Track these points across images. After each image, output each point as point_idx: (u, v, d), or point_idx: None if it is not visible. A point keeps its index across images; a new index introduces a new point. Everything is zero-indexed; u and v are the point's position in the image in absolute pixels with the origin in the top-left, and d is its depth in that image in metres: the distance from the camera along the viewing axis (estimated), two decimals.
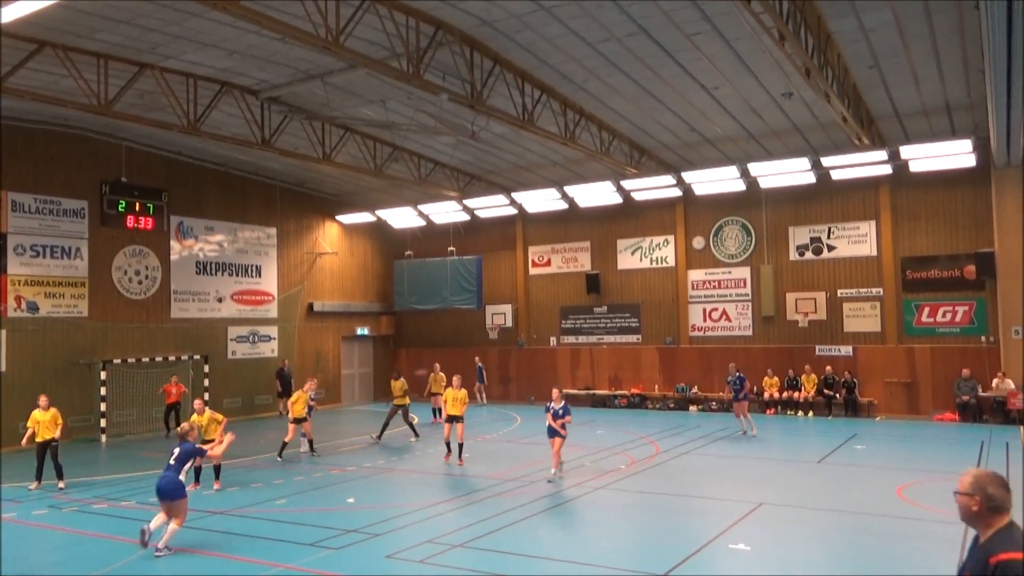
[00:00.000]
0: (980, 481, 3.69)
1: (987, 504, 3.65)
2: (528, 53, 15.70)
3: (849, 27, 14.03)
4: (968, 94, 17.40)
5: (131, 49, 15.23)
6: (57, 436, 13.96)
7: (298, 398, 17.13)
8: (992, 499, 3.63)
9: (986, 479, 3.68)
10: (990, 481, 3.67)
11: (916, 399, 22.08)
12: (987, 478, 3.69)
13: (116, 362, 21.36)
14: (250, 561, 9.29)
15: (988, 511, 3.65)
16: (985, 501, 3.65)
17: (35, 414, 13.92)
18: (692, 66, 15.98)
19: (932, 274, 22.03)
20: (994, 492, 3.63)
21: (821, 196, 23.40)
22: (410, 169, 23.77)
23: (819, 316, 23.48)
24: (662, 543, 10.10)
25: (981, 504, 3.66)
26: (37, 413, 13.91)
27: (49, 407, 14.03)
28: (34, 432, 13.81)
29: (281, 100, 18.63)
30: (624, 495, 12.80)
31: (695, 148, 22.09)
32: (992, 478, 3.68)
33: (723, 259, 25.18)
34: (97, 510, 12.31)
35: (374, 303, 30.85)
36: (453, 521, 11.12)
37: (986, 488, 3.65)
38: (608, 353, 27.00)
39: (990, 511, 3.65)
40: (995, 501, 3.63)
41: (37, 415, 13.89)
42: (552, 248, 28.40)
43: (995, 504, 3.63)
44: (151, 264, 22.92)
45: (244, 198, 25.85)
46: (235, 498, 13.00)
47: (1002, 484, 3.67)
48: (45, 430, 13.83)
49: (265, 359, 26.07)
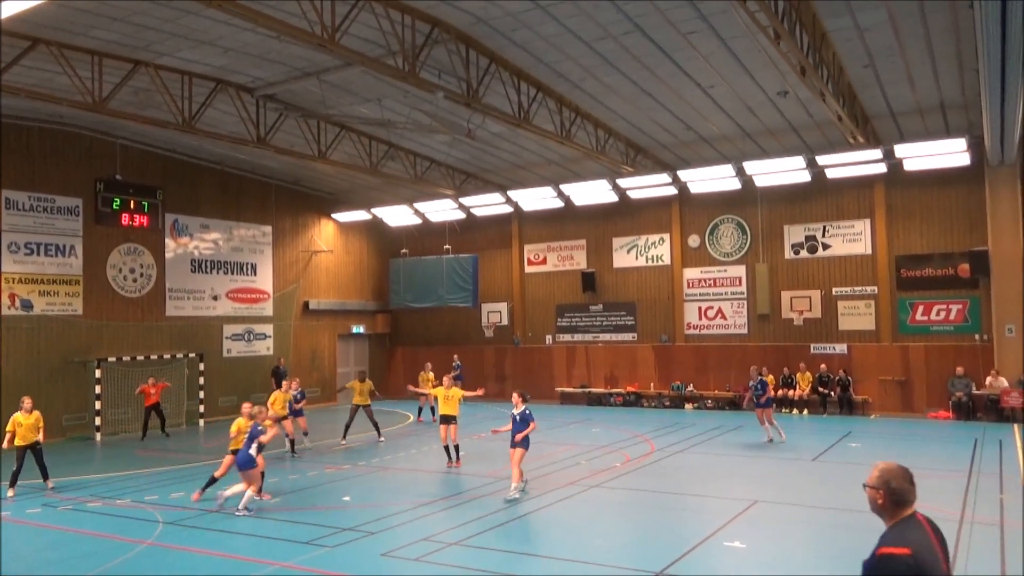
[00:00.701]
0: (884, 475, 3.80)
1: (890, 497, 3.76)
2: (524, 51, 15.70)
3: (844, 26, 14.07)
4: (962, 93, 17.45)
5: (126, 46, 15.18)
6: (40, 439, 13.55)
7: (276, 398, 17.16)
8: (894, 492, 3.75)
9: (890, 473, 3.80)
10: (894, 475, 3.78)
11: (910, 397, 22.16)
12: (892, 472, 3.80)
13: (111, 360, 21.32)
14: (245, 559, 9.29)
15: (891, 504, 3.77)
16: (888, 494, 3.77)
17: (17, 417, 13.42)
18: (688, 65, 16.00)
19: (926, 272, 22.10)
20: (897, 486, 3.75)
21: (816, 194, 23.45)
22: (406, 167, 23.75)
23: (814, 314, 23.54)
24: (657, 541, 10.13)
25: (885, 497, 3.78)
26: (19, 416, 13.41)
27: (32, 410, 13.56)
28: (13, 435, 13.35)
29: (277, 98, 18.59)
30: (619, 493, 12.82)
31: (691, 146, 22.12)
32: (896, 472, 3.79)
33: (718, 257, 25.21)
34: (92, 508, 12.29)
35: (370, 301, 30.83)
36: (448, 519, 11.13)
37: (889, 482, 3.77)
38: (604, 351, 27.03)
39: (893, 504, 3.76)
40: (897, 495, 3.75)
41: (19, 418, 13.39)
42: (548, 246, 28.42)
43: (897, 498, 3.75)
44: (146, 262, 22.87)
45: (239, 196, 25.80)
46: (230, 496, 12.96)
47: (906, 478, 3.78)
48: (28, 433, 13.38)
49: (260, 357, 26.04)
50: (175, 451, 18.47)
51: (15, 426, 13.39)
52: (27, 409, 13.52)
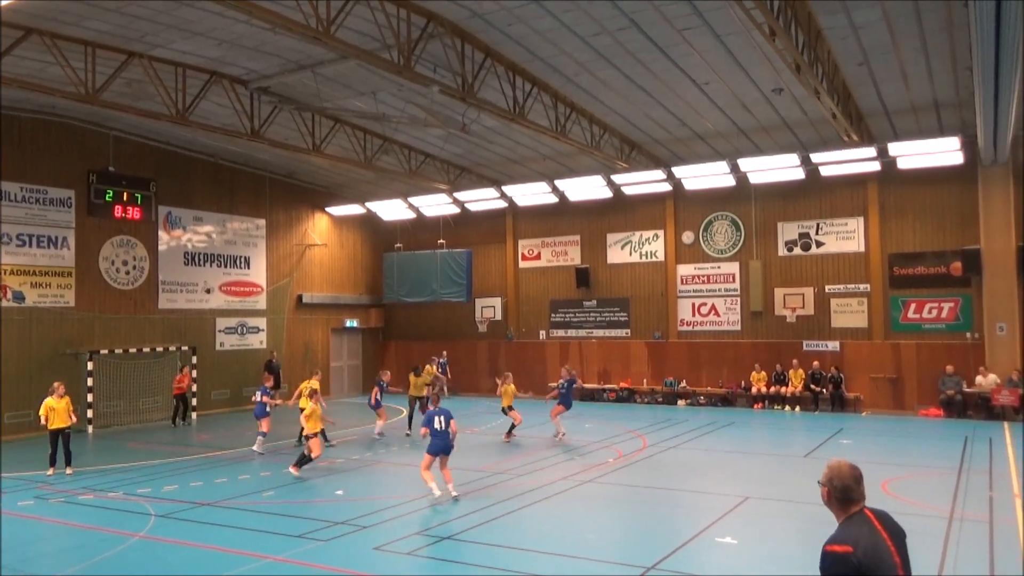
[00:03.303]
0: (830, 472, 3.87)
1: (834, 495, 3.83)
2: (519, 46, 15.67)
3: (839, 24, 14.09)
4: (956, 92, 17.51)
5: (119, 37, 15.09)
6: (71, 424, 14.43)
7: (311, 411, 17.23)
8: (837, 490, 3.82)
9: (836, 471, 3.86)
10: (839, 473, 3.84)
11: (901, 394, 22.26)
12: (837, 470, 3.86)
13: (103, 353, 21.24)
14: (237, 553, 9.29)
15: (837, 501, 3.84)
16: (832, 491, 3.84)
17: (49, 401, 14.21)
18: (683, 61, 16.00)
19: (919, 271, 22.18)
20: (840, 484, 3.82)
21: (810, 192, 23.51)
22: (400, 161, 23.71)
23: (807, 311, 23.61)
24: (649, 536, 10.16)
25: (830, 494, 3.86)
26: (51, 401, 14.20)
27: (64, 395, 14.39)
28: (47, 419, 14.13)
29: (271, 90, 18.50)
30: (612, 488, 12.85)
31: (685, 143, 22.14)
32: (842, 470, 3.85)
33: (712, 254, 25.26)
34: (83, 501, 12.26)
35: (363, 295, 30.79)
36: (441, 513, 11.14)
37: (833, 479, 3.84)
38: (597, 347, 27.07)
39: (838, 501, 3.83)
40: (840, 492, 3.82)
41: (52, 403, 14.19)
42: (542, 242, 28.42)
43: (840, 495, 3.82)
44: (139, 254, 22.78)
45: (233, 189, 25.71)
46: (222, 489, 12.97)
47: (852, 476, 3.83)
48: (61, 417, 14.20)
49: (253, 351, 25.98)
50: (168, 444, 18.44)
51: (48, 411, 14.19)
52: (59, 394, 14.32)
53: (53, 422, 14.15)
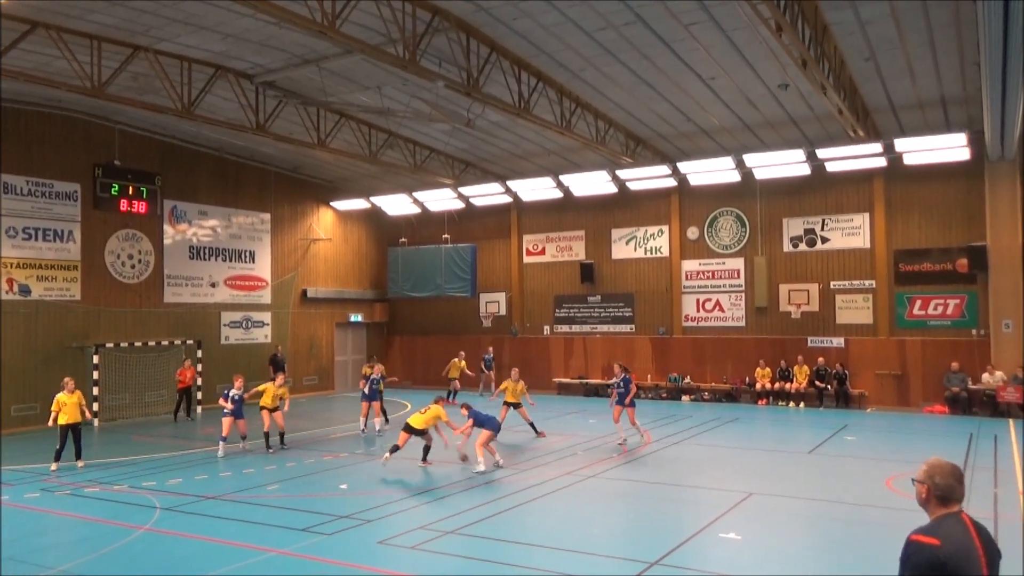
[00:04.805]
0: (931, 470, 3.78)
1: (934, 492, 3.73)
2: (525, 41, 15.65)
3: (846, 19, 14.03)
4: (963, 87, 17.43)
5: (125, 31, 15.11)
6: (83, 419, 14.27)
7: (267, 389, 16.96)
8: (938, 488, 3.72)
9: (938, 468, 3.77)
10: (941, 471, 3.75)
11: (906, 391, 22.22)
12: (939, 467, 3.77)
13: (109, 346, 21.31)
14: (242, 546, 9.32)
15: (935, 499, 3.74)
16: (932, 489, 3.74)
17: (60, 397, 14.08)
18: (689, 56, 15.96)
19: (925, 267, 22.11)
20: (941, 482, 3.72)
21: (815, 188, 23.44)
22: (405, 156, 23.70)
23: (812, 308, 23.57)
24: (653, 531, 10.17)
25: (929, 492, 3.76)
26: (63, 396, 14.08)
27: (75, 390, 14.26)
28: (58, 413, 14.00)
29: (276, 85, 18.52)
30: (616, 484, 12.86)
31: (691, 138, 22.08)
32: (944, 468, 3.76)
33: (717, 250, 25.22)
34: (89, 494, 12.31)
35: (368, 290, 30.82)
36: (445, 508, 11.16)
37: (934, 477, 3.74)
38: (601, 342, 27.06)
39: (937, 500, 3.73)
40: (941, 490, 3.71)
41: (63, 398, 14.06)
42: (547, 237, 28.39)
43: (941, 493, 3.71)
44: (144, 248, 22.83)
45: (238, 183, 25.74)
46: (227, 483, 13.02)
47: (953, 475, 3.74)
48: (71, 412, 14.05)
49: (258, 345, 26.04)
50: (172, 437, 18.50)
51: (59, 406, 14.03)
52: (70, 389, 14.18)
53: (64, 417, 13.98)
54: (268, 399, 16.18)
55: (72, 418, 14.06)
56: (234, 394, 15.73)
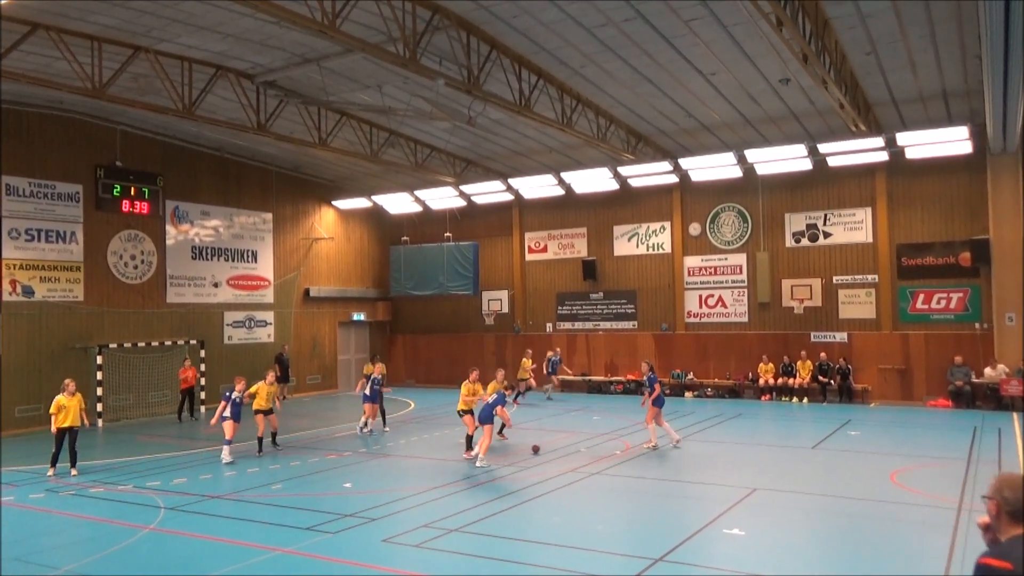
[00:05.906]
0: (1000, 484, 3.52)
1: (1004, 508, 3.47)
2: (525, 38, 15.63)
3: (847, 13, 14.00)
4: (965, 80, 17.38)
5: (125, 32, 15.12)
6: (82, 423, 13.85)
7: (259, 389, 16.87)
8: (1008, 502, 3.45)
9: (1010, 483, 3.50)
10: (1010, 484, 3.49)
11: (910, 385, 22.19)
12: (1011, 481, 3.50)
13: (112, 347, 21.35)
14: (246, 545, 9.34)
15: (1006, 515, 3.47)
16: (1002, 504, 3.48)
17: (60, 399, 13.58)
18: (689, 52, 15.93)
19: (927, 261, 22.08)
20: (1011, 495, 3.44)
21: (817, 183, 23.41)
22: (406, 154, 23.70)
23: (814, 303, 23.54)
24: (657, 528, 10.17)
25: (998, 508, 3.49)
26: (62, 398, 13.59)
27: (75, 393, 13.83)
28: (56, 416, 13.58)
29: (277, 84, 18.52)
30: (619, 480, 12.87)
31: (692, 134, 22.06)
32: (1013, 481, 3.50)
33: (719, 245, 25.19)
34: (94, 494, 12.34)
35: (370, 289, 30.84)
36: (450, 506, 11.16)
37: (1003, 491, 3.48)
38: (604, 339, 27.05)
39: (1008, 516, 3.46)
40: (1011, 505, 3.44)
41: (63, 400, 13.57)
42: (549, 234, 28.38)
43: (1010, 508, 3.44)
44: (147, 249, 22.86)
45: (240, 183, 25.76)
46: (231, 482, 13.05)
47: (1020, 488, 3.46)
48: (71, 415, 13.61)
49: (261, 344, 26.07)
50: (176, 437, 18.54)
51: (59, 408, 13.59)
52: (70, 392, 13.76)
53: (62, 420, 13.53)
54: (263, 401, 15.87)
55: (72, 421, 13.65)
56: (235, 396, 15.55)
